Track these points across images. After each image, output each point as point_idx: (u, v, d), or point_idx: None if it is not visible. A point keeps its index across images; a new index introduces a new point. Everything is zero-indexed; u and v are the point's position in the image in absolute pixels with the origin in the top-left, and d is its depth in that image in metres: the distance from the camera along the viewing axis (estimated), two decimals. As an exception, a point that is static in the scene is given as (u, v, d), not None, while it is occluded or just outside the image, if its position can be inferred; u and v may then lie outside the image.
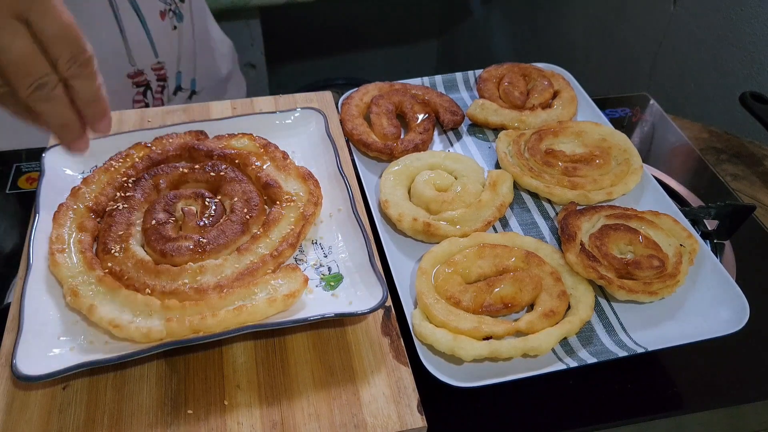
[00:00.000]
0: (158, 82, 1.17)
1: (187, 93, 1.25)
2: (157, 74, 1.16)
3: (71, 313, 0.68)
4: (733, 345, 0.78)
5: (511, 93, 1.01)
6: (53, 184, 0.80)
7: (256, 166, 0.82)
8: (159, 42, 1.14)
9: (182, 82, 1.23)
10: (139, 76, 1.14)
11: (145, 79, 1.15)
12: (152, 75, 1.16)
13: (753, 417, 0.78)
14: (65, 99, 0.59)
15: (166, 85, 1.20)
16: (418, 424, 0.63)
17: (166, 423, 0.63)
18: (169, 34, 1.16)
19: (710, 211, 0.94)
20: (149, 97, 1.18)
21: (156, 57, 1.15)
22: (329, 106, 0.99)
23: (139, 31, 1.11)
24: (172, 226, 0.75)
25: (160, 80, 1.17)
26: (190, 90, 1.26)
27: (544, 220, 0.86)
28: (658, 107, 1.23)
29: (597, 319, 0.74)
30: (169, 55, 1.17)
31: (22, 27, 0.54)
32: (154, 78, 1.16)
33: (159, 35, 1.14)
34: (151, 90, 1.17)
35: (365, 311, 0.66)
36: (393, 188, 0.86)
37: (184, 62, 1.21)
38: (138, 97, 1.16)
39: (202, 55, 1.27)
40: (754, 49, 1.44)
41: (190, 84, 1.25)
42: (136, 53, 1.12)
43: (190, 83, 1.25)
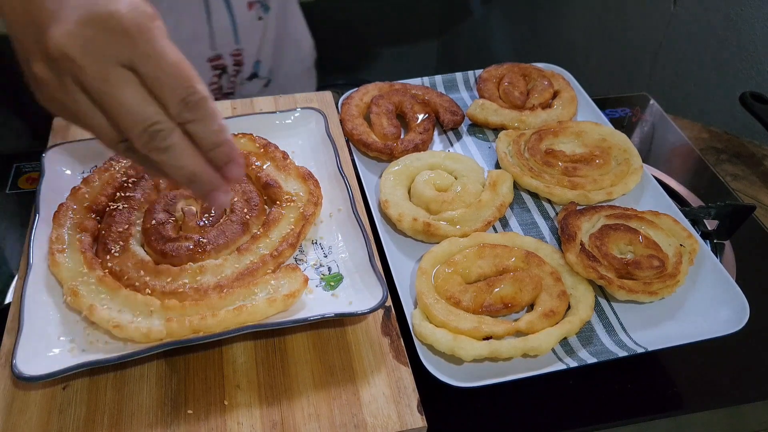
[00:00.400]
0: (234, 66, 1.20)
1: (263, 81, 1.29)
2: (235, 59, 1.19)
3: (71, 313, 0.68)
4: (733, 345, 0.78)
5: (511, 93, 1.01)
6: (53, 184, 0.80)
7: (256, 166, 0.82)
8: (242, 30, 1.17)
9: (260, 70, 1.26)
10: (217, 60, 1.17)
11: (223, 63, 1.18)
12: (230, 60, 1.19)
13: (753, 417, 0.78)
14: (186, 147, 0.53)
15: (242, 71, 1.23)
16: (418, 424, 0.63)
17: (166, 423, 0.63)
18: (254, 24, 1.19)
19: (710, 211, 0.94)
20: (224, 80, 1.21)
21: (237, 44, 1.18)
22: (329, 106, 0.99)
23: (225, 18, 1.14)
24: (172, 226, 0.75)
25: (236, 65, 1.20)
26: (267, 79, 1.29)
27: (544, 220, 0.86)
28: (658, 107, 1.23)
29: (597, 319, 0.74)
30: (250, 43, 1.20)
31: (130, 74, 0.50)
32: (231, 63, 1.19)
33: (244, 24, 1.17)
34: (227, 74, 1.20)
35: (365, 311, 0.66)
36: (393, 188, 0.86)
37: (265, 52, 1.25)
38: (214, 79, 1.20)
39: (284, 48, 1.29)
40: (754, 49, 1.43)
41: (267, 73, 1.28)
42: (219, 38, 1.15)
43: (268, 72, 1.28)
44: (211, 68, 1.18)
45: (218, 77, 1.19)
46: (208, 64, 1.17)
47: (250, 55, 1.22)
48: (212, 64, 1.17)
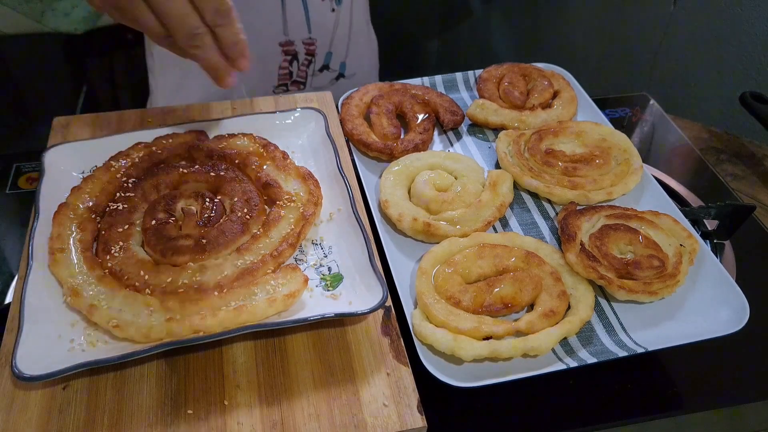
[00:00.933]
0: (306, 56, 1.24)
1: (334, 74, 1.31)
2: (307, 48, 1.23)
3: (71, 313, 0.68)
4: (733, 345, 0.78)
5: (511, 93, 1.01)
6: (53, 184, 0.80)
7: (256, 166, 0.82)
8: (315, 20, 1.20)
9: (331, 62, 1.29)
10: (289, 46, 1.21)
11: (294, 49, 1.22)
12: (301, 47, 1.23)
13: (753, 417, 0.78)
14: (213, 44, 0.75)
15: (314, 61, 1.26)
16: (418, 424, 0.63)
17: (166, 423, 0.63)
18: (326, 15, 1.22)
19: (710, 211, 0.94)
20: (294, 66, 1.25)
21: (309, 33, 1.21)
22: (329, 106, 0.99)
23: (298, 7, 1.18)
24: (172, 226, 0.75)
25: (308, 54, 1.24)
26: (338, 72, 1.32)
27: (544, 220, 0.86)
28: (658, 107, 1.23)
29: (597, 319, 0.74)
30: (322, 34, 1.23)
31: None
32: (303, 51, 1.23)
33: (316, 14, 1.20)
34: (298, 61, 1.24)
35: (365, 311, 0.66)
36: (393, 188, 0.86)
37: (337, 45, 1.27)
38: (284, 64, 1.24)
39: (356, 42, 1.32)
40: (754, 49, 1.44)
41: (339, 66, 1.31)
42: (291, 26, 1.19)
43: (339, 66, 1.31)
44: (282, 53, 1.22)
45: (288, 63, 1.23)
46: (279, 48, 1.21)
47: (323, 45, 1.24)
48: (284, 49, 1.21)
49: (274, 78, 1.25)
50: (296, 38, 1.20)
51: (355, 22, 1.29)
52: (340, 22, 1.25)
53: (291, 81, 1.26)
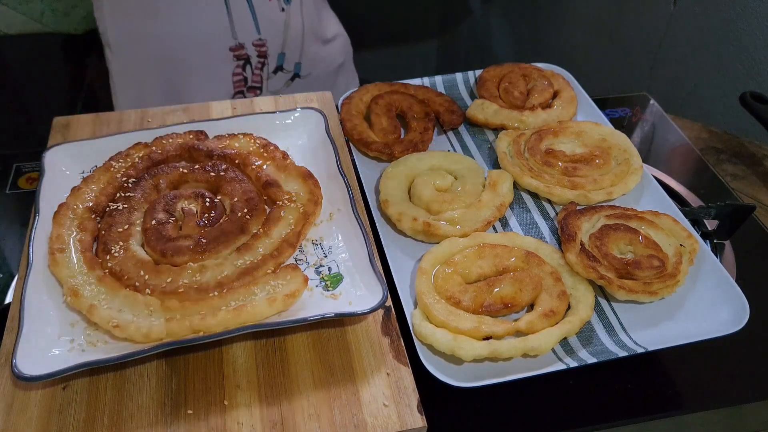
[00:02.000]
0: (258, 58, 1.22)
1: (288, 75, 1.29)
2: (258, 50, 1.21)
3: (71, 313, 0.68)
4: (733, 345, 0.78)
5: (511, 93, 1.01)
6: (53, 184, 0.80)
7: (256, 166, 0.82)
8: (263, 20, 1.18)
9: (285, 63, 1.27)
10: (239, 50, 1.19)
11: (246, 53, 1.20)
12: (253, 50, 1.20)
13: (753, 417, 0.78)
14: None
15: (266, 62, 1.24)
16: (418, 424, 0.63)
17: (166, 423, 0.63)
18: (275, 14, 1.20)
19: (710, 211, 0.94)
20: (248, 71, 1.22)
21: (258, 33, 1.19)
22: (329, 106, 0.99)
23: (244, 8, 1.15)
24: (172, 226, 0.75)
25: (260, 57, 1.22)
26: (293, 73, 1.29)
27: (544, 220, 0.86)
28: (658, 107, 1.23)
29: (597, 319, 0.74)
30: (273, 34, 1.21)
31: None
32: (254, 54, 1.21)
33: (264, 14, 1.18)
34: (251, 65, 1.22)
35: (365, 311, 0.66)
36: (393, 188, 0.86)
37: (290, 45, 1.25)
38: (237, 70, 1.21)
39: (310, 42, 1.29)
40: (754, 49, 1.44)
41: (293, 67, 1.29)
42: (239, 28, 1.16)
43: (293, 66, 1.29)
44: (234, 58, 1.20)
45: (242, 68, 1.21)
46: (230, 54, 1.19)
47: (275, 46, 1.22)
48: (234, 54, 1.19)
49: (230, 86, 1.23)
50: (246, 40, 1.18)
51: (307, 21, 1.26)
52: (291, 21, 1.22)
53: (247, 87, 1.24)
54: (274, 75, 1.26)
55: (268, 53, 1.22)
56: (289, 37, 1.23)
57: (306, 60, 1.30)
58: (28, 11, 1.61)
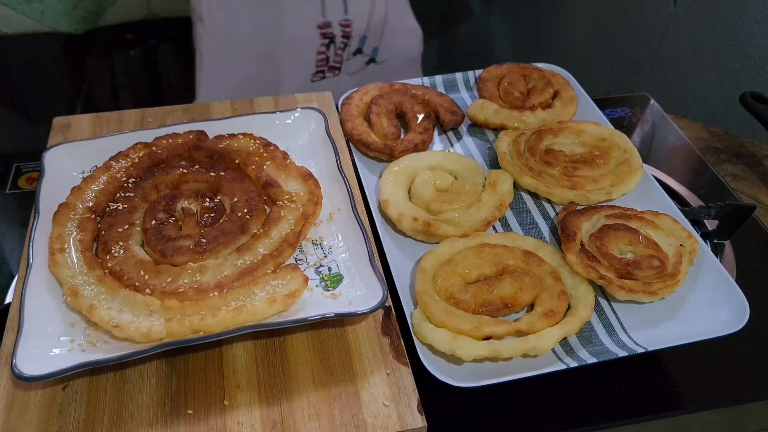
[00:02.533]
0: (342, 39, 1.26)
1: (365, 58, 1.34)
2: (343, 31, 1.25)
3: (71, 313, 0.68)
4: (733, 345, 0.78)
5: (511, 93, 1.01)
6: (53, 184, 0.80)
7: (256, 166, 0.82)
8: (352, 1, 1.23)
9: (365, 47, 1.31)
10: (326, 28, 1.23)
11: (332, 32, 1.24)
12: (338, 30, 1.25)
13: (753, 417, 0.78)
14: None
15: (349, 44, 1.28)
16: (418, 424, 0.63)
17: (166, 423, 0.63)
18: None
19: (710, 211, 0.94)
20: (331, 51, 1.27)
21: (345, 14, 1.23)
22: (329, 106, 0.99)
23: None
24: (172, 226, 0.75)
25: (344, 37, 1.26)
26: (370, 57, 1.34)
27: (544, 220, 0.86)
28: (658, 107, 1.23)
29: (597, 319, 0.74)
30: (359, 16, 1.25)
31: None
32: (339, 33, 1.25)
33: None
34: (335, 44, 1.26)
35: (365, 311, 0.66)
36: (393, 188, 0.86)
37: (372, 30, 1.29)
38: (322, 49, 1.26)
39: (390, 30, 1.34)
40: (754, 49, 1.44)
41: (371, 51, 1.33)
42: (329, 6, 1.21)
43: (371, 51, 1.33)
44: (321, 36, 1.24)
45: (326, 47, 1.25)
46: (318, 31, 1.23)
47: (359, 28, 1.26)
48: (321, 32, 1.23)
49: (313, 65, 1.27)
50: (333, 19, 1.22)
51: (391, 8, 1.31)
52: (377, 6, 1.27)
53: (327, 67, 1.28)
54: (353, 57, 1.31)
55: (352, 34, 1.27)
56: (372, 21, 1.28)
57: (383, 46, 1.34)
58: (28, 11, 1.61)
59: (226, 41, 1.24)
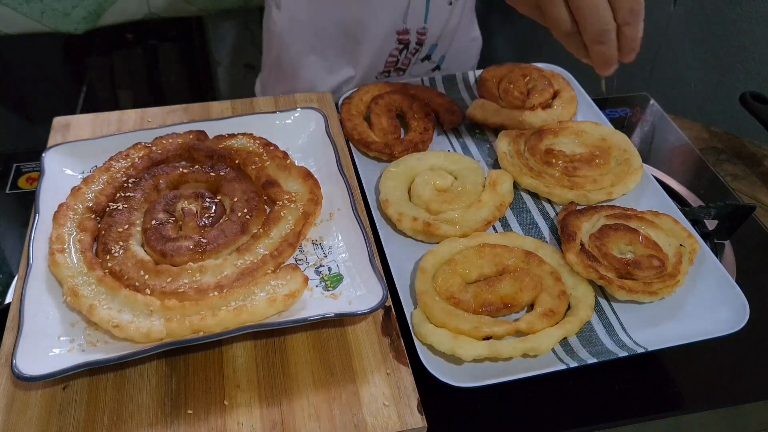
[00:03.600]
0: (416, 45, 1.27)
1: (432, 65, 1.35)
2: (419, 38, 1.26)
3: (71, 313, 0.68)
4: (733, 345, 0.78)
5: (511, 93, 1.01)
6: (53, 184, 0.80)
7: (256, 166, 0.82)
8: (433, 10, 1.23)
9: (434, 54, 1.33)
10: (404, 34, 1.24)
11: (408, 38, 1.25)
12: (415, 37, 1.26)
13: (753, 417, 0.78)
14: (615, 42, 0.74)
15: (420, 50, 1.29)
16: (418, 424, 0.63)
17: (166, 423, 0.63)
18: (443, 8, 1.25)
19: (710, 211, 0.94)
20: (403, 55, 1.28)
21: (425, 23, 1.24)
22: (329, 106, 0.99)
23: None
24: (172, 226, 0.75)
25: (418, 44, 1.27)
26: (436, 65, 1.36)
27: (544, 220, 0.86)
28: (658, 107, 1.23)
29: (597, 319, 0.74)
30: (436, 25, 1.26)
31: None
32: (414, 41, 1.26)
33: (435, 5, 1.23)
34: (408, 50, 1.27)
35: (365, 311, 0.66)
36: (393, 188, 0.86)
37: (444, 38, 1.31)
38: (394, 53, 1.27)
39: (458, 39, 1.36)
40: (754, 49, 1.44)
41: (438, 59, 1.35)
42: (411, 14, 1.22)
43: (439, 59, 1.35)
44: (397, 41, 1.25)
45: (399, 51, 1.27)
46: (395, 37, 1.24)
47: (432, 36, 1.28)
48: (399, 38, 1.24)
49: (382, 64, 1.28)
50: (412, 27, 1.23)
51: (462, 19, 1.33)
52: (453, 16, 1.28)
53: (395, 68, 1.30)
54: (421, 62, 1.33)
55: (426, 42, 1.28)
56: (446, 31, 1.29)
57: (450, 54, 1.36)
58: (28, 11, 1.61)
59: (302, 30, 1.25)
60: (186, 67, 2.28)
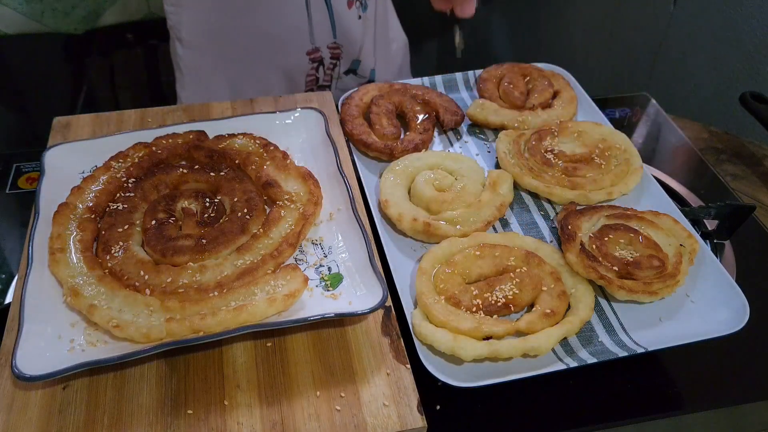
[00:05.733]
0: (331, 60, 1.26)
1: (363, 80, 1.34)
2: (332, 53, 1.25)
3: (71, 313, 0.68)
4: (733, 345, 0.78)
5: (511, 93, 1.01)
6: (53, 184, 0.80)
7: (256, 166, 0.82)
8: (340, 26, 1.23)
9: (359, 69, 1.32)
10: (315, 53, 1.23)
11: (320, 55, 1.24)
12: (327, 52, 1.25)
13: (753, 417, 0.78)
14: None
15: (338, 64, 1.28)
16: (418, 424, 0.63)
17: (166, 423, 0.63)
18: (353, 22, 1.24)
19: (710, 211, 0.94)
20: (320, 72, 1.27)
21: (334, 38, 1.23)
22: (329, 106, 0.99)
23: (324, 13, 1.20)
24: (172, 226, 0.75)
25: (333, 58, 1.26)
26: (369, 79, 1.35)
27: (544, 220, 0.86)
28: (658, 107, 1.23)
29: (597, 319, 0.74)
30: (349, 41, 1.26)
31: None
32: (328, 56, 1.25)
33: (342, 21, 1.22)
34: (323, 66, 1.26)
35: (365, 311, 0.66)
36: (393, 188, 0.86)
37: (366, 52, 1.30)
38: (311, 72, 1.26)
39: (381, 46, 1.34)
40: (754, 49, 1.44)
41: (369, 73, 1.34)
42: (317, 33, 1.21)
43: (369, 72, 1.34)
44: (310, 61, 1.24)
45: (315, 70, 1.26)
46: (306, 58, 1.23)
47: (350, 53, 1.27)
48: (311, 57, 1.24)
49: (302, 86, 1.27)
50: (321, 44, 1.23)
51: (379, 28, 1.31)
52: (368, 28, 1.27)
53: (316, 86, 1.28)
54: (345, 76, 1.31)
55: (342, 56, 1.27)
56: (365, 44, 1.28)
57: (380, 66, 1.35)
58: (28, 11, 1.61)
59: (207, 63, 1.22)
60: (186, 67, 2.27)
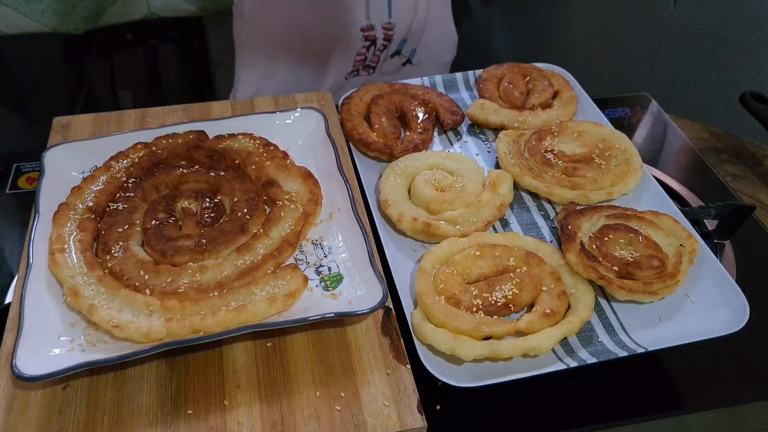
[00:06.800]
0: (383, 41, 1.29)
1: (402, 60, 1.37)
2: (385, 34, 1.28)
3: (71, 313, 0.68)
4: (733, 345, 0.78)
5: (511, 93, 1.01)
6: (53, 184, 0.80)
7: (256, 166, 0.82)
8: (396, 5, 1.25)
9: (403, 49, 1.35)
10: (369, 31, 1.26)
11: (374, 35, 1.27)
12: (381, 33, 1.28)
13: (753, 417, 0.78)
14: None
15: (389, 46, 1.31)
16: (418, 424, 0.63)
17: (166, 423, 0.63)
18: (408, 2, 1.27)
19: (710, 211, 0.94)
20: (371, 52, 1.30)
21: (389, 18, 1.26)
22: (329, 106, 0.99)
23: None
24: (172, 226, 0.75)
25: (385, 40, 1.29)
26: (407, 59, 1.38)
27: (544, 220, 0.86)
28: (658, 107, 1.23)
29: (597, 319, 0.74)
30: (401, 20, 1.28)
31: None
32: (381, 36, 1.28)
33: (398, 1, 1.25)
34: (375, 47, 1.29)
35: (365, 311, 0.66)
36: (393, 188, 0.86)
37: (413, 32, 1.32)
38: (362, 50, 1.29)
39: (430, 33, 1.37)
40: (754, 49, 1.43)
41: (409, 53, 1.37)
42: (373, 11, 1.24)
43: (409, 53, 1.37)
44: (363, 38, 1.27)
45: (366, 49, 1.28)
46: (360, 34, 1.26)
47: (400, 32, 1.29)
48: (365, 34, 1.26)
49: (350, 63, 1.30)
50: (377, 22, 1.25)
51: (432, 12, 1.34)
52: (419, 11, 1.29)
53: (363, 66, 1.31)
54: (390, 58, 1.34)
55: (393, 37, 1.30)
56: (414, 25, 1.30)
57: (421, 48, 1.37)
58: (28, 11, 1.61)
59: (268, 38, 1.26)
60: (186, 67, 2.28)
